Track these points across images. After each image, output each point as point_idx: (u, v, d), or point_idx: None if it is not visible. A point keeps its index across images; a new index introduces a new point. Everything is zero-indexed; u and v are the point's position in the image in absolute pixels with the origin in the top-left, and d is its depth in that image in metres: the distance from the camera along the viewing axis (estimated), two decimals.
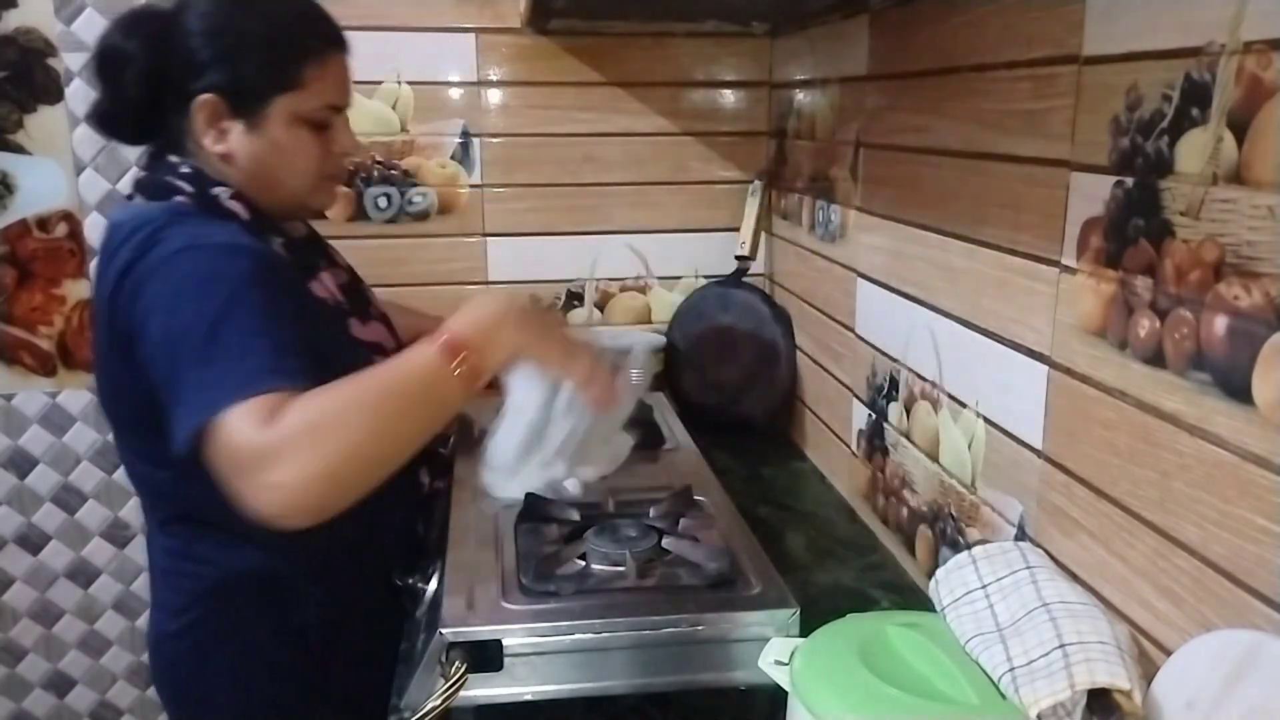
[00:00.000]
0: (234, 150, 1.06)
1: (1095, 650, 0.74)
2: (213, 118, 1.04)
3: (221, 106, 1.04)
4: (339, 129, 1.12)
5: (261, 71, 1.04)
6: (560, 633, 0.92)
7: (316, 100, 1.07)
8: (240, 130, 1.05)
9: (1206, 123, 0.71)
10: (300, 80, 1.05)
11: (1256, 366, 0.67)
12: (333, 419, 0.87)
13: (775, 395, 1.78)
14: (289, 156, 1.07)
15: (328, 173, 1.12)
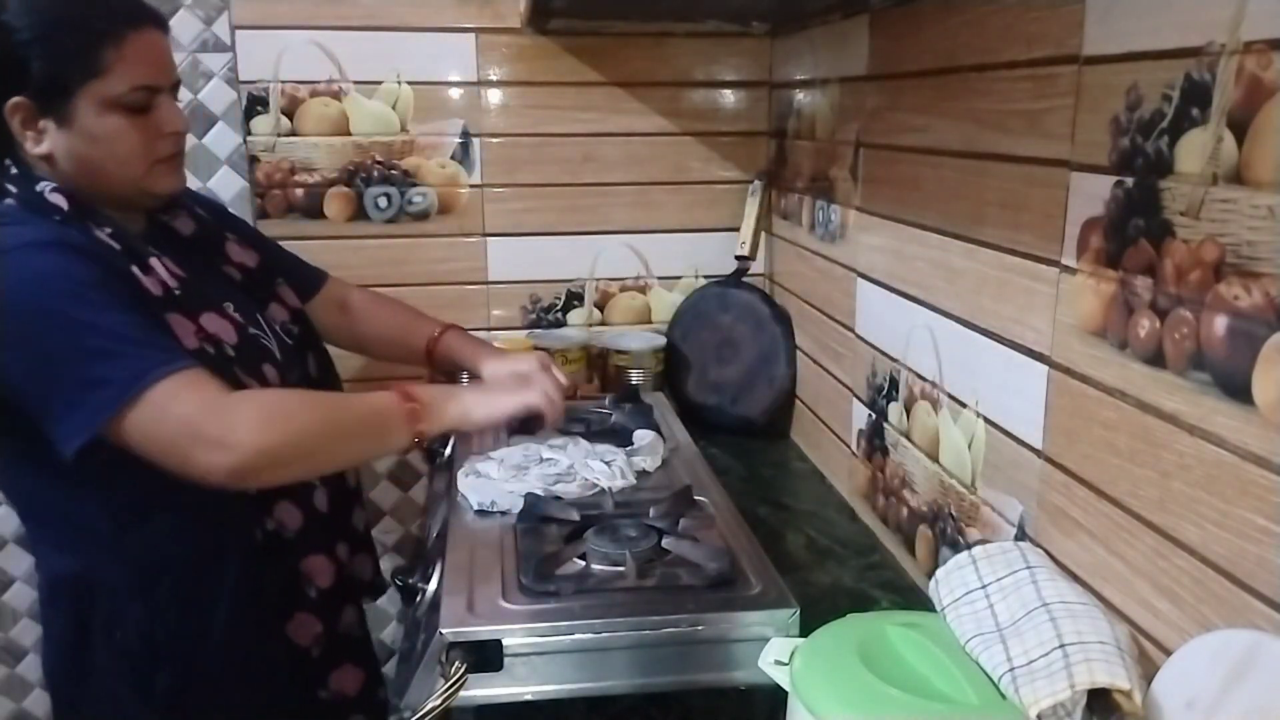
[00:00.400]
0: (53, 150, 1.04)
1: (1095, 650, 0.74)
2: (26, 121, 1.02)
3: (30, 108, 1.02)
4: (161, 108, 1.08)
5: (56, 65, 1.00)
6: (560, 633, 0.93)
7: (123, 83, 1.03)
8: (53, 128, 1.03)
9: (1206, 123, 0.71)
10: (99, 66, 1.01)
11: (1256, 366, 0.67)
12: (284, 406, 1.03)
13: (775, 395, 1.79)
14: (107, 145, 1.04)
15: (157, 155, 1.08)
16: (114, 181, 1.07)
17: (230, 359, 1.08)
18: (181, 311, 1.07)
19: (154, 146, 1.08)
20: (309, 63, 1.77)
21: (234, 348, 1.10)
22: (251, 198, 1.81)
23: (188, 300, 1.08)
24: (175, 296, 1.07)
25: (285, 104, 1.78)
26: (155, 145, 1.08)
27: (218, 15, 1.73)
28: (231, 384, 1.05)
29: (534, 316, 1.95)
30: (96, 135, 1.03)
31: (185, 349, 1.01)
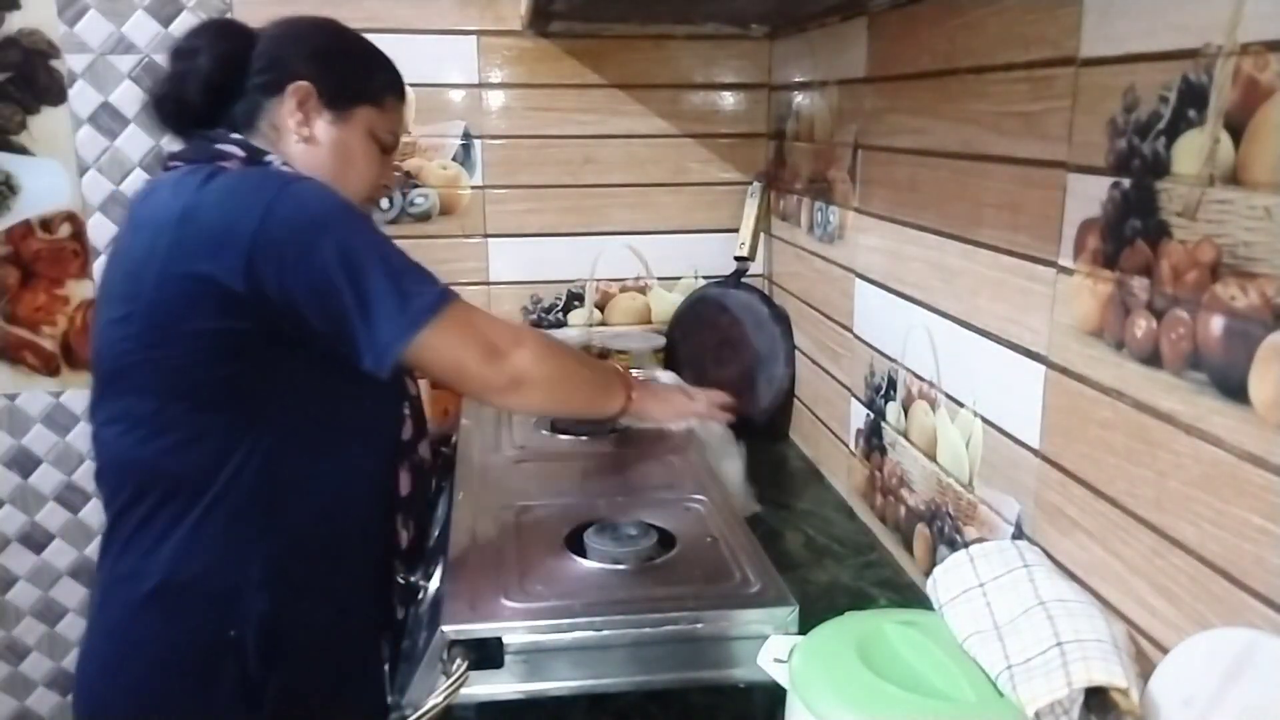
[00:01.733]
0: (318, 135, 1.12)
1: (1092, 648, 0.74)
2: (304, 103, 1.11)
3: (315, 97, 1.11)
4: (388, 162, 1.21)
5: (355, 78, 1.15)
6: (561, 630, 0.93)
7: (389, 125, 1.18)
8: (326, 121, 1.12)
9: (1203, 124, 0.71)
10: (383, 102, 1.17)
11: (1253, 366, 0.67)
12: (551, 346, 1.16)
13: (774, 395, 1.79)
14: (358, 161, 1.15)
15: (372, 193, 1.21)
16: (342, 189, 1.10)
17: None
18: None
19: (377, 184, 1.21)
20: None
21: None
22: None
23: None
24: None
25: None
26: (378, 185, 1.21)
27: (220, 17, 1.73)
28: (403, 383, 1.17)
29: (535, 317, 1.95)
30: (354, 148, 1.15)
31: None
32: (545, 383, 1.11)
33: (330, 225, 0.98)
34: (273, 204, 0.97)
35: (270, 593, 1.03)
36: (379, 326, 0.97)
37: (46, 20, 1.73)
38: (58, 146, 1.78)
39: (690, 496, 1.22)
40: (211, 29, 1.16)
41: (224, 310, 0.96)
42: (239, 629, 1.02)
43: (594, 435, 1.44)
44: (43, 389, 1.86)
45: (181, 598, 1.02)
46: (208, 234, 0.96)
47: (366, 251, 0.98)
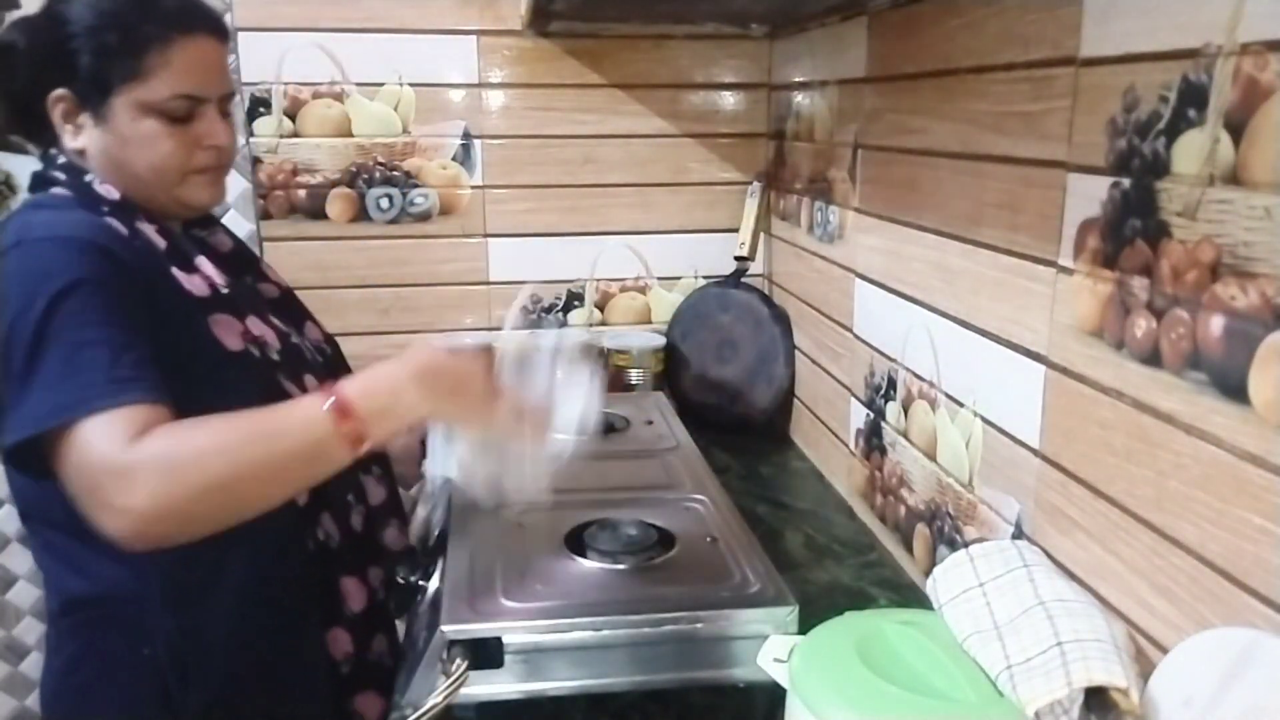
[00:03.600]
0: (87, 146, 1.01)
1: (1092, 648, 0.74)
2: (66, 114, 1.01)
3: (71, 102, 1.00)
4: (204, 119, 1.03)
5: (99, 62, 0.98)
6: (560, 630, 0.93)
7: (164, 89, 0.99)
8: (90, 124, 1.01)
9: (1203, 124, 0.71)
10: (141, 70, 0.98)
11: (1253, 366, 0.67)
12: (194, 453, 0.86)
13: (774, 395, 1.79)
14: (138, 150, 1.01)
15: (193, 166, 1.04)
16: (145, 186, 1.03)
17: (275, 363, 1.05)
18: (229, 311, 1.03)
19: (191, 157, 1.04)
20: (311, 64, 1.78)
21: (279, 352, 1.07)
22: (254, 199, 1.82)
23: (233, 301, 1.05)
24: (223, 296, 1.04)
25: (288, 105, 1.79)
26: (192, 156, 1.04)
27: None
28: (275, 390, 1.01)
29: (535, 317, 1.95)
30: (129, 138, 1.00)
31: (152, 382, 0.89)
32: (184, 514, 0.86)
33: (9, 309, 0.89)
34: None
35: (175, 615, 0.99)
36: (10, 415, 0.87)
37: None
38: None
39: (690, 496, 1.22)
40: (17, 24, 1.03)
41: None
42: (150, 648, 0.98)
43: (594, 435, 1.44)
44: None
45: (87, 615, 1.00)
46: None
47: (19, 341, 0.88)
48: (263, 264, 1.24)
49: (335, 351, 1.24)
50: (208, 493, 0.86)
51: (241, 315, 1.05)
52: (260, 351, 1.04)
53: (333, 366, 1.20)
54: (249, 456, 0.88)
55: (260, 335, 1.05)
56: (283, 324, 1.12)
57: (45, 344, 0.88)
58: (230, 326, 1.02)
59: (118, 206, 1.01)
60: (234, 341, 1.01)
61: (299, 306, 1.23)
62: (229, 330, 1.02)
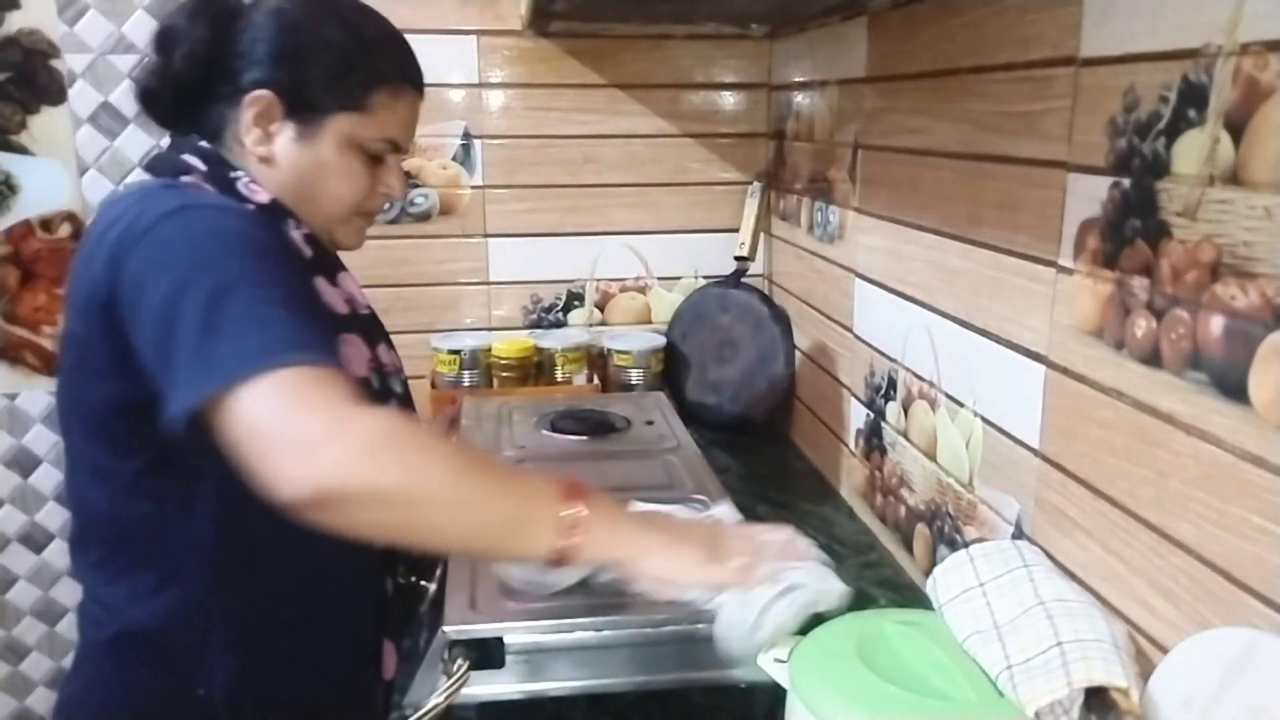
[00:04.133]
0: (277, 155, 0.96)
1: (1092, 648, 0.74)
2: (263, 116, 0.95)
3: (276, 106, 0.95)
4: (390, 168, 1.02)
5: (330, 81, 0.95)
6: (561, 630, 0.93)
7: (377, 130, 0.98)
8: (290, 136, 0.96)
9: (1203, 124, 0.72)
10: (367, 104, 0.97)
11: (1253, 366, 0.68)
12: (421, 447, 0.77)
13: (774, 395, 1.79)
14: (332, 179, 0.98)
15: (365, 209, 1.02)
16: (313, 213, 0.99)
17: (394, 395, 1.01)
18: (362, 335, 1.00)
19: (368, 199, 1.01)
20: None
21: (401, 384, 1.04)
22: None
23: (372, 325, 1.03)
24: (360, 317, 1.01)
25: None
26: (369, 198, 1.01)
27: None
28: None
29: (535, 317, 1.95)
30: (327, 164, 0.97)
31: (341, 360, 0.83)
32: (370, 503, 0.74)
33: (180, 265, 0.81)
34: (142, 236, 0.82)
35: (238, 654, 0.92)
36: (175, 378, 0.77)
37: (46, 20, 1.73)
38: (58, 146, 1.78)
39: (691, 496, 1.22)
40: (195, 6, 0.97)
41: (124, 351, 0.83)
42: (206, 688, 0.92)
43: (594, 435, 1.44)
44: (43, 389, 1.86)
45: (141, 649, 0.93)
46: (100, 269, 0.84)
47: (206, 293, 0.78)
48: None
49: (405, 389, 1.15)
50: (408, 489, 0.75)
51: (373, 341, 1.02)
52: (381, 383, 1.00)
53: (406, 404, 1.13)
54: (465, 479, 0.78)
55: (387, 364, 1.03)
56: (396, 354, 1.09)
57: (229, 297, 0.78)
58: (359, 350, 0.99)
59: (265, 209, 0.95)
60: (360, 367, 0.97)
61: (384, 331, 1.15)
62: (357, 354, 0.98)
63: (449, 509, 0.78)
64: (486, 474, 0.80)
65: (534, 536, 0.79)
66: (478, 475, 0.79)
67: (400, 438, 0.76)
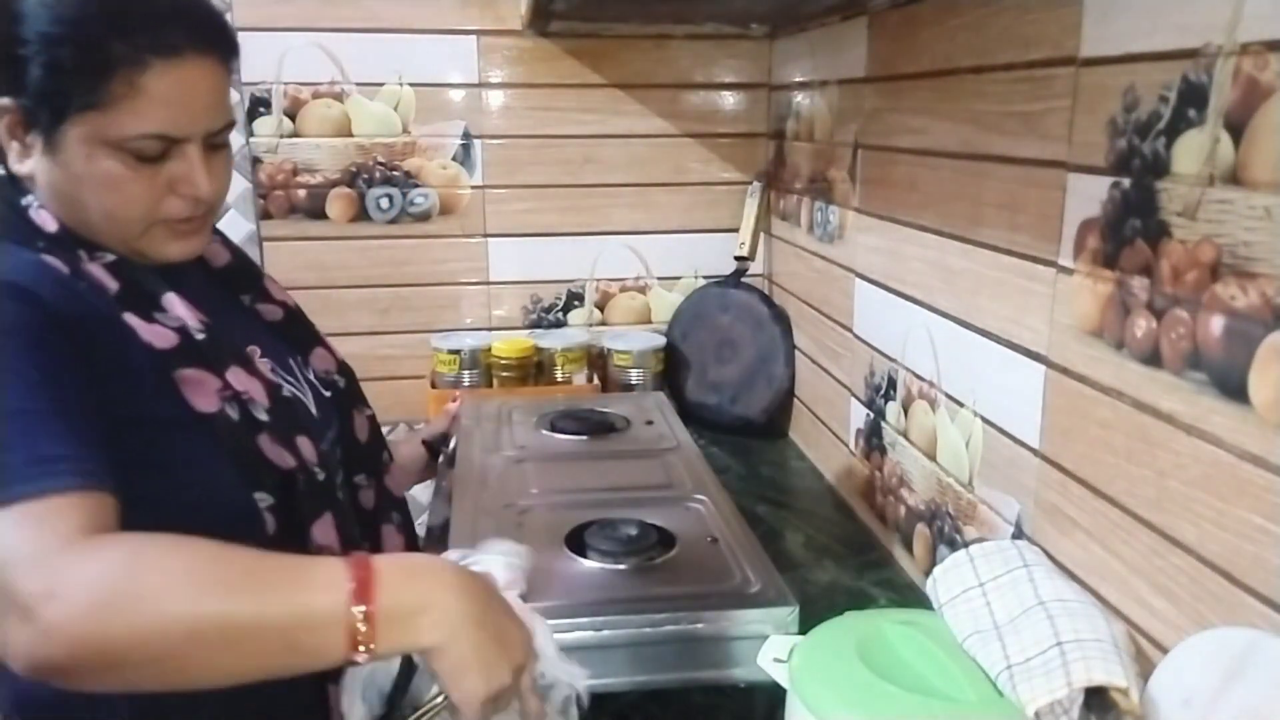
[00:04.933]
0: (34, 172, 0.83)
1: (1092, 648, 0.74)
2: (13, 128, 0.82)
3: (19, 116, 0.81)
4: (182, 159, 0.83)
5: (48, 80, 0.79)
6: (561, 630, 0.93)
7: (131, 126, 0.80)
8: (39, 149, 0.82)
9: (1203, 124, 0.71)
10: (104, 98, 0.79)
11: (1253, 366, 0.68)
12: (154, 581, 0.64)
13: (774, 395, 1.79)
14: (93, 192, 0.82)
15: (161, 215, 0.85)
16: (99, 233, 0.85)
17: (261, 424, 0.86)
18: (202, 365, 0.85)
19: (159, 205, 0.84)
20: (311, 64, 1.78)
21: (266, 411, 0.88)
22: (254, 199, 1.82)
23: (212, 350, 0.87)
24: (195, 345, 0.85)
25: (288, 105, 1.79)
26: (161, 204, 0.84)
27: None
28: (257, 460, 0.84)
29: (535, 316, 1.95)
30: (80, 176, 0.81)
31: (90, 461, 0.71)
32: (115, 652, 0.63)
33: None
34: None
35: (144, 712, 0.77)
36: None
37: None
38: None
39: (691, 496, 1.22)
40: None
41: None
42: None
43: (594, 435, 1.44)
44: None
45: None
46: None
47: None
48: (266, 279, 1.07)
49: (349, 383, 1.08)
50: (147, 636, 0.64)
51: (221, 367, 0.86)
52: (240, 411, 0.85)
53: (343, 403, 1.06)
54: (221, 617, 0.65)
55: (244, 390, 0.87)
56: (277, 365, 0.96)
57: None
58: (202, 384, 0.84)
59: (56, 241, 0.83)
60: (207, 401, 0.83)
61: (306, 329, 1.07)
62: (200, 388, 0.84)
63: (199, 653, 0.65)
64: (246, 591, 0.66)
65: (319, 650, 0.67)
66: (233, 598, 0.66)
67: (126, 581, 0.64)
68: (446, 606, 0.69)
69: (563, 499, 1.21)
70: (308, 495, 0.88)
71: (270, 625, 0.66)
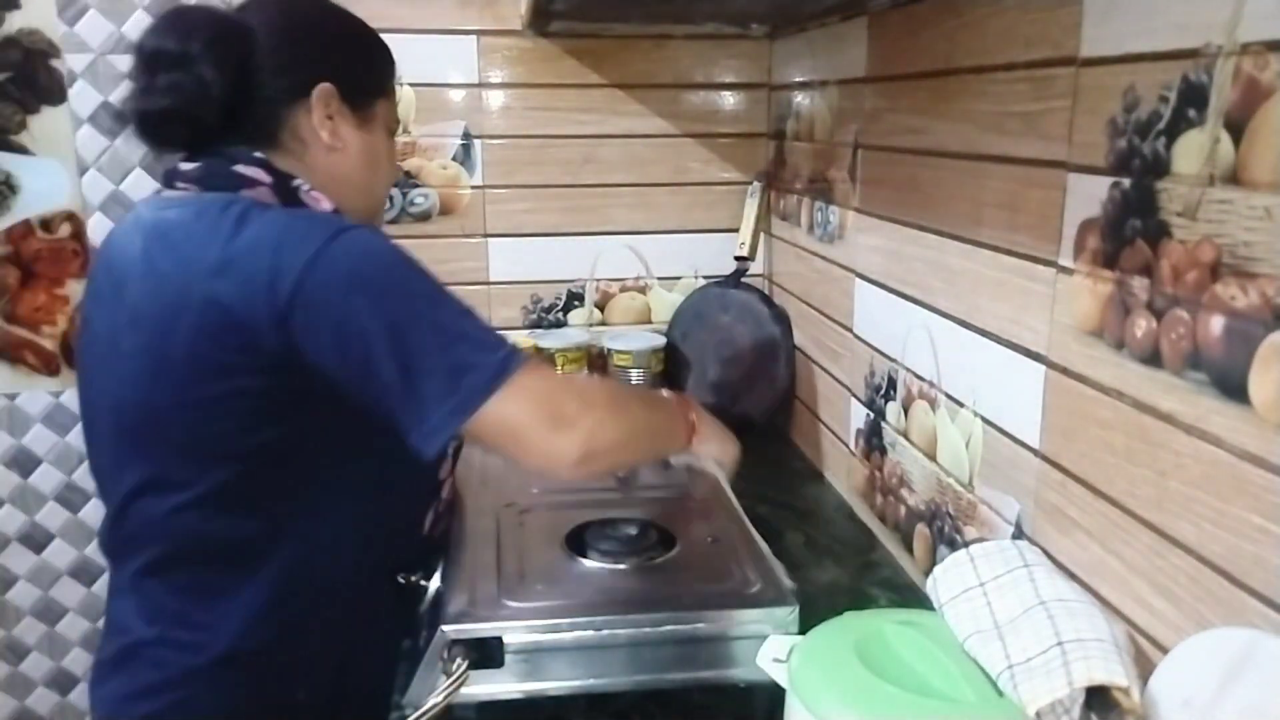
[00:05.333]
0: (345, 142, 1.02)
1: (1093, 648, 0.74)
2: (329, 109, 1.00)
3: (336, 98, 1.00)
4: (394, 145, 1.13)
5: (371, 70, 1.06)
6: (561, 630, 0.93)
7: (395, 113, 1.10)
8: (351, 126, 1.02)
9: (1203, 124, 0.71)
10: (390, 89, 1.09)
11: (1253, 366, 0.67)
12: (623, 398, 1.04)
13: (774, 395, 1.79)
14: (383, 161, 1.08)
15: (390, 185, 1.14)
16: (368, 197, 1.07)
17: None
18: None
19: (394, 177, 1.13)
20: None
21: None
22: None
23: None
24: None
25: None
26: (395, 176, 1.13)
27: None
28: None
29: (535, 316, 1.95)
30: (380, 148, 1.07)
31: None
32: (616, 448, 0.95)
33: (377, 287, 0.86)
34: (315, 259, 0.85)
35: (331, 656, 1.00)
36: (426, 408, 0.85)
37: (46, 20, 1.73)
38: (58, 146, 1.78)
39: (691, 496, 1.22)
40: (198, 26, 0.95)
41: (260, 371, 0.87)
42: (308, 692, 0.98)
43: None
44: (43, 389, 1.86)
45: (248, 668, 0.95)
46: (246, 289, 0.85)
47: (417, 318, 0.86)
48: None
49: None
50: (631, 432, 0.97)
51: None
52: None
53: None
54: (649, 415, 1.04)
55: None
56: None
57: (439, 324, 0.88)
58: None
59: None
60: None
61: None
62: None
63: (648, 438, 1.03)
64: (654, 408, 1.07)
65: (677, 445, 1.06)
66: (653, 411, 1.05)
67: (612, 393, 1.06)
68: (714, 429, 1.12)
69: (563, 499, 1.21)
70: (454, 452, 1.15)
71: (666, 423, 1.05)
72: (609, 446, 0.92)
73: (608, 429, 0.92)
